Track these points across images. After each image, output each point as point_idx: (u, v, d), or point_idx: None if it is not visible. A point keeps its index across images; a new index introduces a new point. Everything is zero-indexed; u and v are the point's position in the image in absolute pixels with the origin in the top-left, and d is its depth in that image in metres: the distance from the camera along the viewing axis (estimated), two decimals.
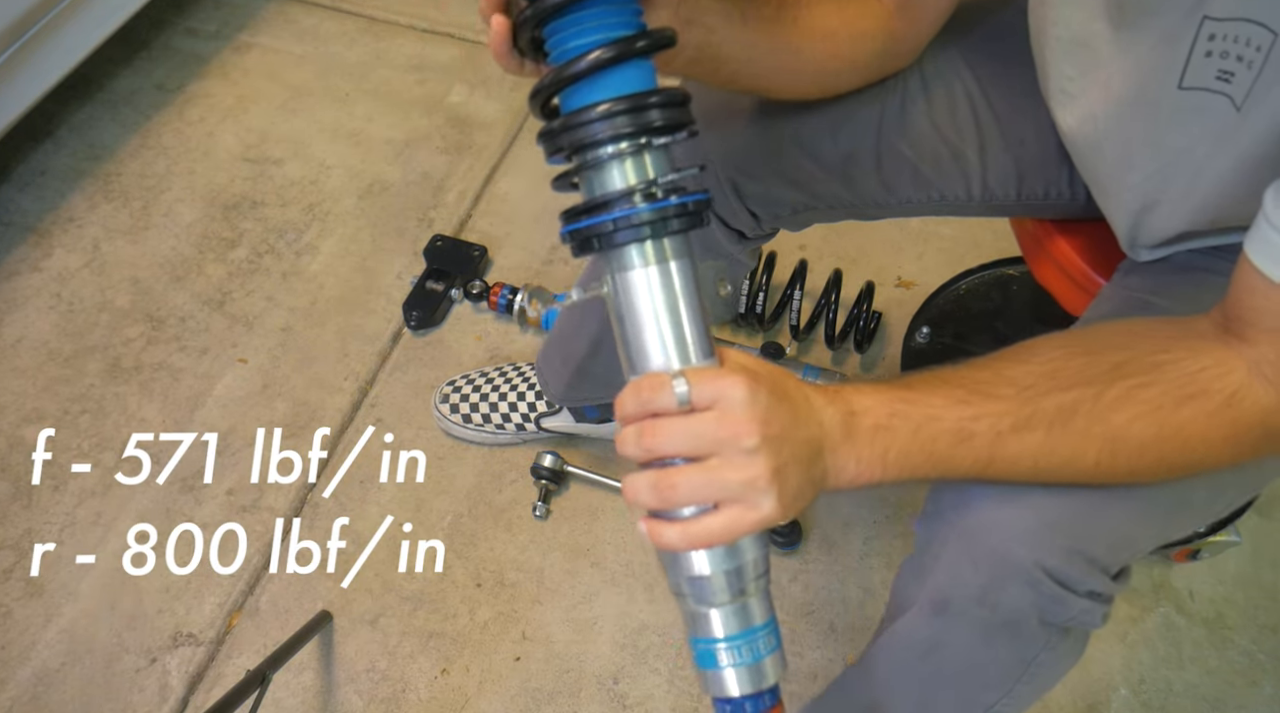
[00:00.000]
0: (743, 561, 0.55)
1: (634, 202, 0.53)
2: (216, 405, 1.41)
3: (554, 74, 0.54)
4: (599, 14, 0.53)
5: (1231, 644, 1.21)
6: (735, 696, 0.57)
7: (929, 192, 0.92)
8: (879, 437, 0.57)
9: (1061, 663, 0.72)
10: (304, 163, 1.73)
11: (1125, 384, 0.58)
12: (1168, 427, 0.58)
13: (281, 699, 1.16)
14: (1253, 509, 1.31)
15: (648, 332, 0.55)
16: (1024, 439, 0.58)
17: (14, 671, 1.18)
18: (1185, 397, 0.58)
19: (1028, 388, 0.59)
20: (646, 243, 0.54)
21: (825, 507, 1.31)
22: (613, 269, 0.56)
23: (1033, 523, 0.64)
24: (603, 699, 1.17)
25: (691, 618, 0.58)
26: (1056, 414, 0.58)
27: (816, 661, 1.19)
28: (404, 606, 1.24)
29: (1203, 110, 0.65)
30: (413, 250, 1.60)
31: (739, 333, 1.49)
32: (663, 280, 0.55)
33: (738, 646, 0.56)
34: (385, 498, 1.33)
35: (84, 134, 1.77)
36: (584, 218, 0.55)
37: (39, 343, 1.48)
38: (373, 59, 1.93)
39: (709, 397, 0.52)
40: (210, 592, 1.24)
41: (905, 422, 0.58)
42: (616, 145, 0.53)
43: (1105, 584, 0.67)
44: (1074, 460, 0.59)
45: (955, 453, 0.58)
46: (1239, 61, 0.61)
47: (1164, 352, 0.60)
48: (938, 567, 0.69)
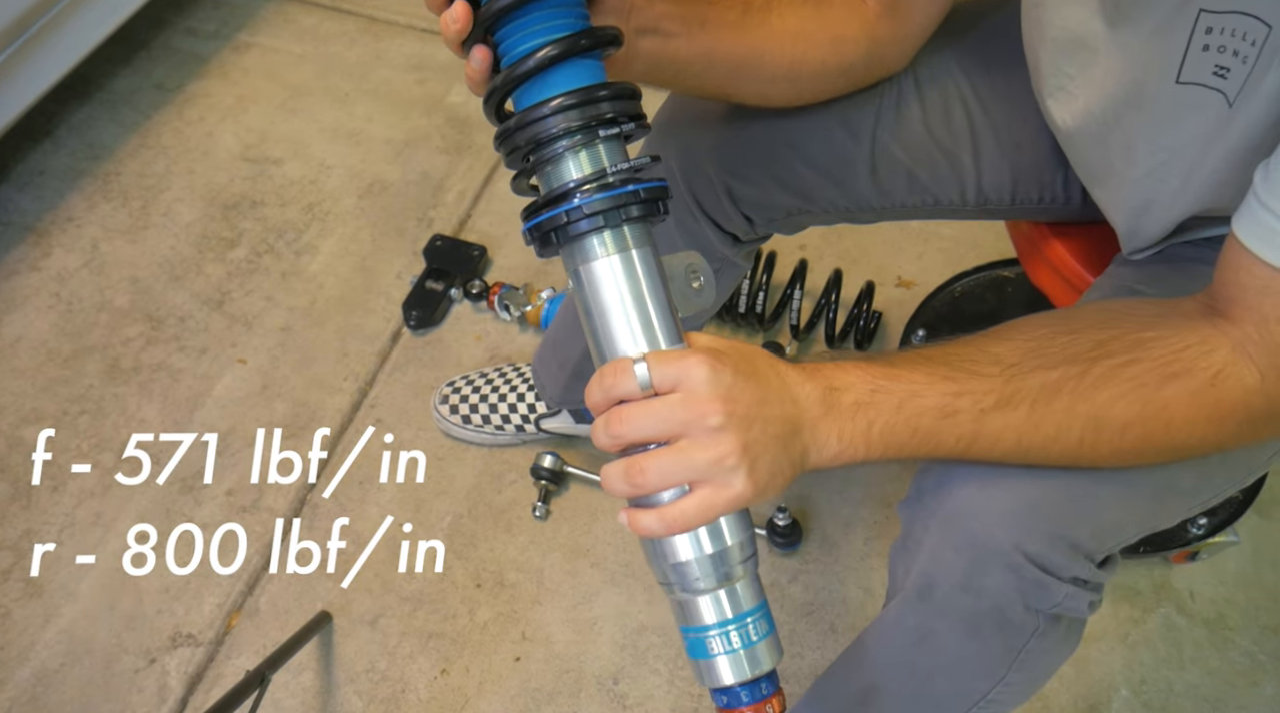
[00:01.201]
0: (726, 544, 0.55)
1: (593, 191, 0.54)
2: (216, 405, 1.41)
3: (503, 75, 0.56)
4: (544, 17, 0.55)
5: (1232, 645, 1.21)
6: (730, 684, 0.56)
7: (923, 196, 0.92)
8: (861, 412, 0.57)
9: (1054, 652, 0.72)
10: (304, 163, 1.73)
11: (1109, 362, 0.58)
12: (1150, 405, 0.58)
13: (281, 700, 1.16)
14: (1253, 509, 1.31)
15: (613, 320, 0.55)
16: (1007, 416, 0.58)
17: (13, 671, 1.18)
18: (1169, 375, 0.57)
19: (1012, 366, 0.59)
20: (606, 233, 0.54)
21: (825, 507, 1.31)
22: (575, 263, 0.56)
23: (1013, 507, 0.64)
24: (603, 699, 1.17)
25: (679, 607, 0.57)
26: (1040, 391, 0.58)
27: (816, 661, 1.19)
28: (404, 606, 1.23)
29: (1199, 107, 0.65)
30: (412, 250, 1.60)
31: (739, 333, 1.49)
32: (625, 269, 0.55)
33: (728, 632, 0.56)
34: (385, 498, 1.33)
35: (83, 134, 1.77)
36: (542, 212, 0.55)
37: (38, 343, 1.48)
38: (373, 59, 1.92)
39: (671, 378, 0.52)
40: (210, 592, 1.24)
41: (888, 397, 0.57)
42: (570, 139, 0.54)
43: (1090, 571, 0.66)
44: (1058, 438, 0.59)
45: (939, 429, 0.58)
46: (1234, 56, 0.60)
47: (1148, 330, 0.60)
48: (921, 551, 0.69)
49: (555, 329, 1.23)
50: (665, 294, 0.56)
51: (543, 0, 0.54)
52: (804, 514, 1.30)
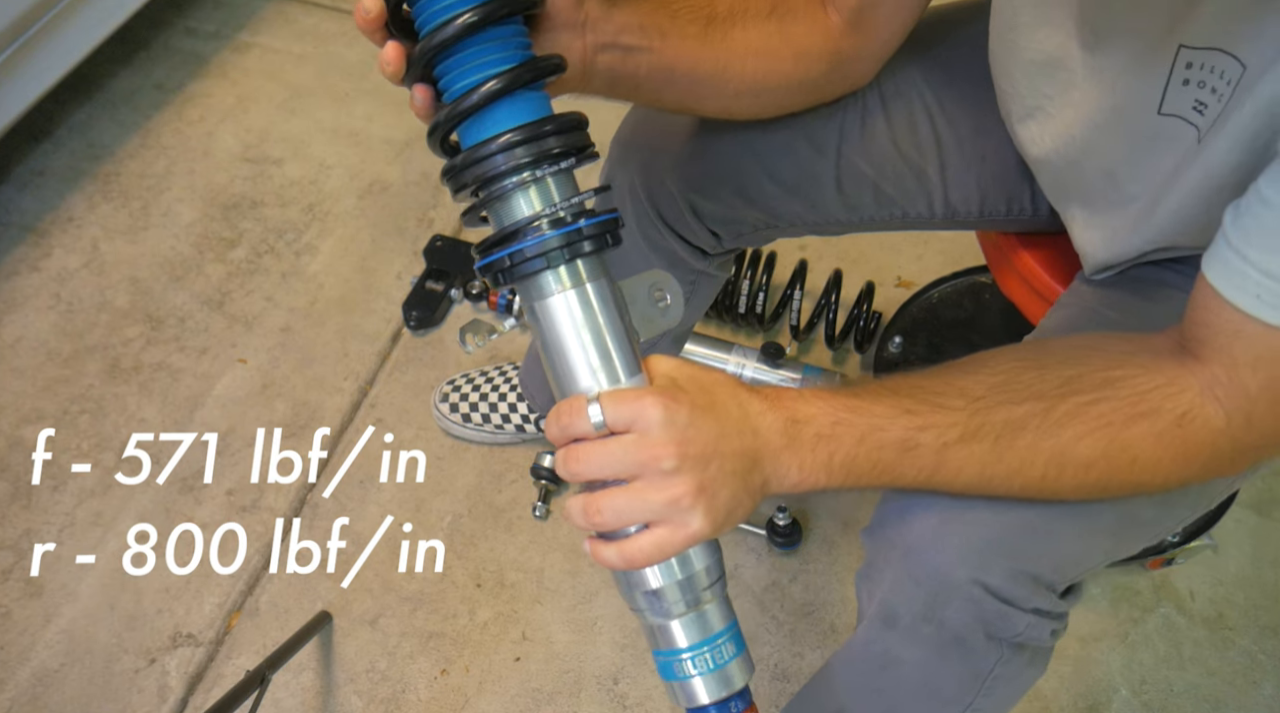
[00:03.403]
0: (692, 571, 0.56)
1: (541, 229, 0.53)
2: (216, 405, 1.41)
3: (445, 112, 0.55)
4: (481, 51, 0.54)
5: (1232, 645, 1.21)
6: (705, 703, 0.58)
7: (891, 209, 0.92)
8: (822, 445, 0.57)
9: (1020, 677, 0.71)
10: (304, 163, 1.73)
11: (1076, 400, 0.58)
12: (1115, 444, 0.58)
13: (281, 700, 1.16)
14: (1252, 509, 1.31)
15: (571, 355, 0.55)
16: (970, 450, 0.58)
17: (13, 671, 1.18)
18: (1135, 415, 0.57)
19: (978, 400, 0.59)
20: (560, 268, 0.54)
21: (825, 507, 1.31)
22: (530, 298, 0.56)
23: (974, 542, 0.64)
24: (603, 699, 1.17)
25: (651, 633, 0.59)
26: (1004, 427, 0.58)
27: (816, 661, 1.19)
28: (404, 606, 1.24)
29: (1175, 138, 0.65)
30: (412, 250, 1.60)
31: (739, 333, 1.49)
32: (580, 303, 0.55)
33: (700, 655, 0.57)
34: (385, 498, 1.33)
35: (83, 134, 1.77)
36: (492, 252, 0.55)
37: (38, 343, 1.48)
38: (372, 59, 1.90)
39: (625, 420, 0.53)
40: (210, 592, 1.24)
41: (849, 430, 0.57)
42: (517, 176, 0.54)
43: (1052, 602, 0.66)
44: (1020, 472, 0.59)
45: (900, 462, 0.58)
46: (1212, 93, 0.60)
47: (1116, 368, 0.59)
48: (883, 580, 0.69)
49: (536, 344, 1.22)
50: (623, 325, 0.56)
51: (478, 35, 0.53)
52: (804, 514, 1.30)
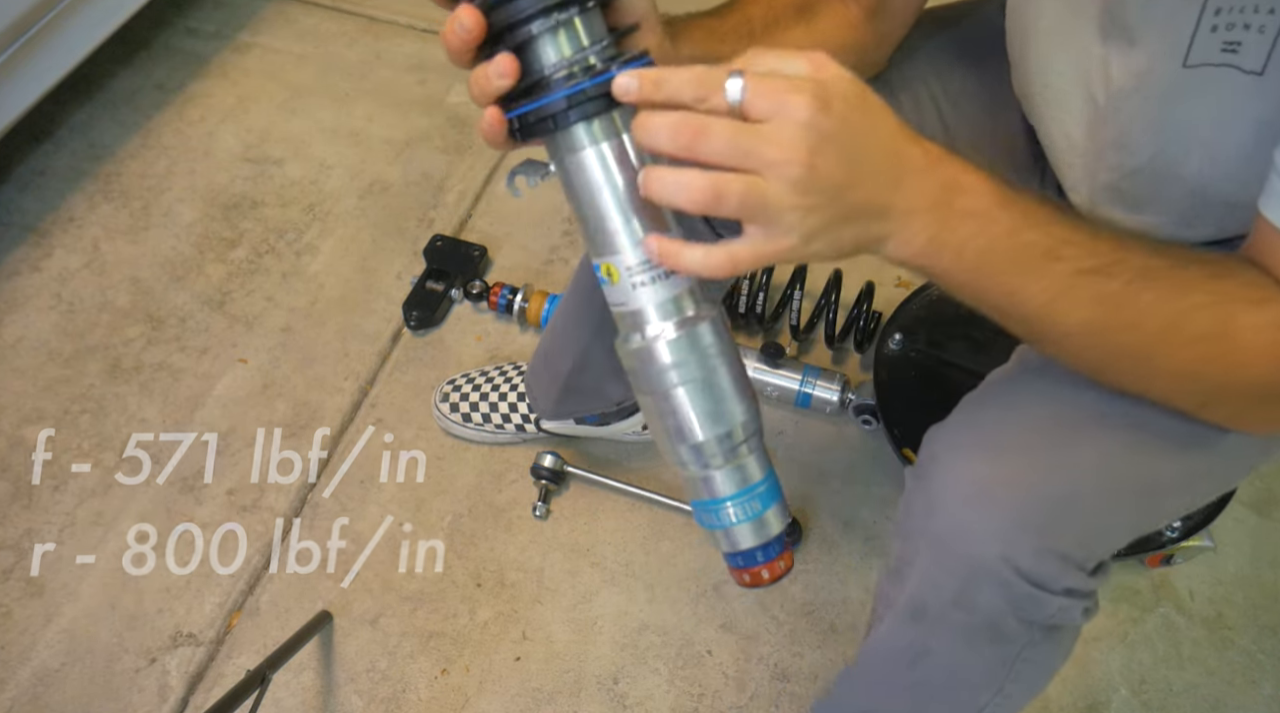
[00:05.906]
0: (733, 424, 0.57)
1: (577, 75, 0.52)
2: (216, 405, 1.41)
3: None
4: None
5: (1231, 644, 1.21)
6: (746, 548, 0.60)
7: None
8: (968, 223, 0.53)
9: (1050, 660, 0.72)
10: (304, 163, 1.73)
11: (1200, 269, 0.57)
12: (1229, 326, 0.56)
13: (281, 699, 1.16)
14: (1252, 509, 1.31)
15: (603, 205, 0.54)
16: (1101, 286, 0.55)
17: (14, 671, 1.18)
18: (1252, 301, 0.56)
19: (1125, 238, 0.57)
20: (613, 114, 0.53)
21: (825, 507, 1.31)
22: (568, 148, 0.53)
23: (1002, 524, 0.64)
24: (603, 699, 1.17)
25: (695, 484, 0.60)
26: (1140, 272, 0.56)
27: (817, 661, 1.19)
28: (404, 605, 1.24)
29: (1207, 88, 0.63)
30: (413, 250, 1.60)
31: (739, 333, 1.49)
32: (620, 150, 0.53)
33: (741, 502, 0.59)
34: (385, 498, 1.33)
35: (84, 134, 1.77)
36: (527, 101, 0.53)
37: (39, 343, 1.48)
38: (373, 59, 1.93)
39: (765, 108, 0.47)
40: (210, 592, 1.24)
41: (1006, 215, 0.53)
42: (545, 19, 0.52)
43: (1082, 580, 0.66)
44: (1135, 327, 0.57)
45: (1034, 270, 0.55)
46: (1246, 29, 0.59)
47: (1231, 260, 0.59)
48: (912, 574, 0.69)
49: (547, 340, 1.22)
50: None
51: None
52: (804, 514, 1.30)
